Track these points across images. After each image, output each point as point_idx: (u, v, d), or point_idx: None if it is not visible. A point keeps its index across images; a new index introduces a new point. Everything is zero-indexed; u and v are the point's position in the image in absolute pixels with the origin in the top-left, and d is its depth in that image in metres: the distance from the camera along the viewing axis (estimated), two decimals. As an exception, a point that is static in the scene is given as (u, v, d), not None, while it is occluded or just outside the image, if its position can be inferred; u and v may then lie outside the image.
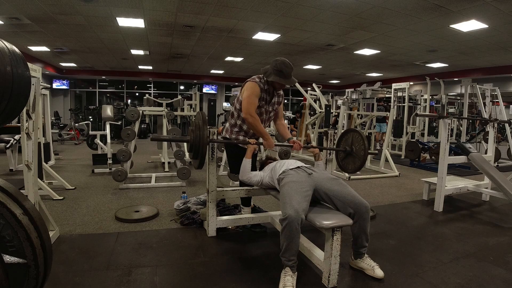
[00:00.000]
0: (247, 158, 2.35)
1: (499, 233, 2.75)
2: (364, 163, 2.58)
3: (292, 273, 1.74)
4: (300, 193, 1.85)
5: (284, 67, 2.27)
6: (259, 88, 2.31)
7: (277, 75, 2.28)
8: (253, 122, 2.27)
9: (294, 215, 1.66)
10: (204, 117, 2.17)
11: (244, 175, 2.35)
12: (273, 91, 2.45)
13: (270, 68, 2.32)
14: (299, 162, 2.26)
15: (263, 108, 2.40)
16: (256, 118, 2.28)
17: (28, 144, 2.21)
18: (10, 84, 1.06)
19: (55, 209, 3.06)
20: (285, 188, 1.93)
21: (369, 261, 1.92)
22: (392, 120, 6.06)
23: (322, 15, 5.55)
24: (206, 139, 2.14)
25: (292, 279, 1.73)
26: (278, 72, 2.28)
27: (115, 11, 5.52)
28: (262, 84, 2.35)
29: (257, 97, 2.30)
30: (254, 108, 2.29)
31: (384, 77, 12.56)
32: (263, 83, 2.36)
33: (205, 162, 2.29)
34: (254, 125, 2.29)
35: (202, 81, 14.40)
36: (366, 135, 6.85)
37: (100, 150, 6.17)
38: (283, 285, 1.71)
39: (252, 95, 2.28)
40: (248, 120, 2.28)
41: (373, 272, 1.85)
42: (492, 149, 3.88)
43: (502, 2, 4.58)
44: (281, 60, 2.28)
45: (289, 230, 1.67)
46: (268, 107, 2.45)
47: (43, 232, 1.16)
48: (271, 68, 2.30)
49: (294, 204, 1.73)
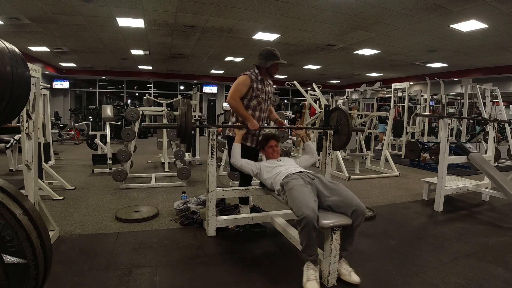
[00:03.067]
0: (235, 143, 2.51)
1: (499, 233, 2.75)
2: (349, 139, 2.73)
3: (314, 266, 1.81)
4: (311, 195, 1.90)
5: (272, 50, 2.59)
6: (249, 79, 2.54)
7: (271, 58, 2.56)
8: (235, 105, 2.50)
9: (312, 215, 1.71)
10: (189, 104, 2.36)
11: (233, 159, 2.48)
12: (263, 82, 2.66)
13: (261, 59, 2.59)
14: (300, 167, 2.32)
15: (259, 97, 2.61)
16: (239, 102, 2.51)
17: (28, 144, 2.21)
18: (10, 84, 1.06)
19: (55, 209, 3.06)
20: (296, 190, 1.95)
21: (346, 266, 1.89)
22: (392, 120, 6.06)
23: (322, 15, 5.55)
24: (191, 124, 2.30)
25: (315, 272, 1.79)
26: (271, 55, 2.56)
27: (115, 11, 5.52)
28: (254, 76, 2.57)
29: (245, 86, 2.53)
30: (239, 95, 2.52)
31: (384, 77, 12.56)
32: (255, 75, 2.59)
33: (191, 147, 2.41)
34: (237, 107, 2.51)
35: (202, 81, 14.41)
36: (366, 135, 6.87)
37: (100, 150, 6.17)
38: (306, 278, 1.76)
39: (240, 84, 2.53)
40: (231, 103, 2.52)
41: (349, 277, 1.83)
42: (492, 149, 3.88)
43: (502, 2, 4.58)
44: (266, 48, 2.63)
45: (308, 228, 1.71)
46: (264, 96, 2.66)
47: (43, 232, 1.16)
48: (263, 57, 2.58)
49: (310, 204, 1.78)
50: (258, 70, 2.63)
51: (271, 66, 2.60)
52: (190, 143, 2.54)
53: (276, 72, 2.68)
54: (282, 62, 2.63)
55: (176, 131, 2.41)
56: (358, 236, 2.61)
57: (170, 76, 13.79)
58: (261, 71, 2.63)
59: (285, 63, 2.74)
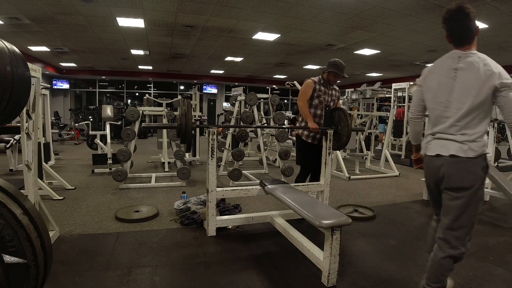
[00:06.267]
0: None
1: (499, 233, 2.75)
2: (349, 139, 2.78)
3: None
4: None
5: (338, 62, 2.94)
6: (312, 82, 2.95)
7: (332, 67, 2.92)
8: (301, 105, 2.93)
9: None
10: (189, 104, 2.38)
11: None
12: (328, 86, 3.02)
13: (326, 66, 2.98)
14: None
15: (321, 97, 2.96)
16: (304, 103, 2.92)
17: (28, 144, 2.21)
18: (10, 84, 1.06)
19: (55, 209, 3.06)
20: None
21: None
22: (392, 120, 6.06)
23: (322, 15, 5.55)
24: (191, 124, 2.34)
25: None
26: (330, 65, 2.94)
27: (115, 11, 5.52)
28: (318, 80, 2.99)
29: (310, 88, 2.93)
30: (306, 97, 2.93)
31: (384, 77, 12.56)
32: (318, 79, 3.00)
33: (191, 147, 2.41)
34: (302, 107, 2.92)
35: (202, 81, 14.40)
36: (366, 135, 6.87)
37: (100, 150, 6.17)
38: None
39: (305, 87, 2.96)
40: (299, 103, 2.97)
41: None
42: (492, 149, 3.88)
43: (502, 2, 4.58)
44: (334, 59, 2.96)
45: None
46: (326, 97, 3.00)
47: (43, 232, 1.16)
48: (327, 65, 2.96)
49: None
50: (322, 75, 3.03)
51: (328, 74, 2.95)
52: (190, 143, 2.56)
53: (333, 80, 2.98)
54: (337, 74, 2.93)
55: (176, 131, 2.43)
56: (358, 236, 2.63)
57: (170, 76, 13.79)
58: (323, 76, 3.02)
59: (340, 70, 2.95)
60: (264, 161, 5.36)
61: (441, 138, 1.50)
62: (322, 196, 2.85)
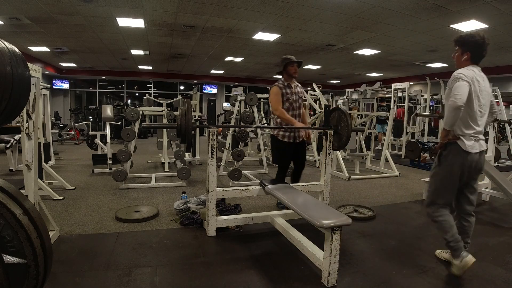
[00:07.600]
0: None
1: (499, 233, 2.76)
2: (349, 139, 2.80)
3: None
4: None
5: (284, 56, 2.97)
6: (278, 87, 2.93)
7: (285, 61, 2.93)
8: (280, 114, 2.89)
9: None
10: (189, 104, 2.38)
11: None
12: (291, 86, 3.00)
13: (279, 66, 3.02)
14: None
15: (290, 99, 2.95)
16: (282, 111, 2.89)
17: (28, 144, 2.21)
18: (10, 84, 1.06)
19: (55, 209, 3.06)
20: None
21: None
22: (392, 120, 6.06)
23: (322, 15, 5.55)
24: (191, 124, 2.34)
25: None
26: (284, 59, 2.94)
27: (115, 11, 5.52)
28: (281, 84, 2.97)
29: (278, 94, 2.91)
30: (280, 104, 2.90)
31: (384, 77, 12.56)
32: (282, 83, 2.97)
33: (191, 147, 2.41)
34: (282, 115, 2.89)
35: (202, 81, 14.40)
36: (366, 135, 6.86)
37: (100, 150, 6.17)
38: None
39: (273, 95, 2.94)
40: (276, 113, 2.91)
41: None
42: (492, 149, 3.88)
43: (502, 2, 4.58)
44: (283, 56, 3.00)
45: None
46: (293, 96, 2.98)
47: (43, 232, 1.16)
48: (281, 62, 2.98)
49: None
50: (282, 77, 3.02)
51: (286, 69, 2.94)
52: (190, 143, 2.57)
53: (294, 72, 2.97)
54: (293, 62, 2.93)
55: (176, 131, 2.43)
56: (358, 236, 2.63)
57: (170, 76, 13.78)
58: (284, 77, 3.00)
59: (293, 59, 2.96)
60: (264, 161, 5.36)
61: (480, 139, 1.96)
62: (322, 196, 2.85)
